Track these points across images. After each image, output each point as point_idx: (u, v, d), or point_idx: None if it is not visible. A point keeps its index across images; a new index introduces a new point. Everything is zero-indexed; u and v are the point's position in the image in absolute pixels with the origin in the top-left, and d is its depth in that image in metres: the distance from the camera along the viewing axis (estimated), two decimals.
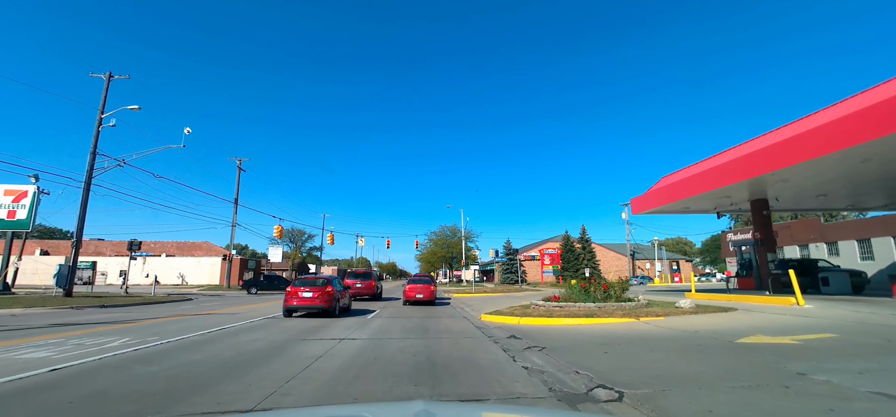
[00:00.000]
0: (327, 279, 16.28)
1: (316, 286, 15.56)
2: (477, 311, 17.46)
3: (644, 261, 62.54)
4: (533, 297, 24.52)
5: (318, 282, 16.03)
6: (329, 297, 15.32)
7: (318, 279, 16.37)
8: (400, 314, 16.54)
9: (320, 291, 15.34)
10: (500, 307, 18.13)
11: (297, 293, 15.47)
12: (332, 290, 15.70)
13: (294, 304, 15.15)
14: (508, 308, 15.54)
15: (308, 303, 15.13)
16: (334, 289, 15.96)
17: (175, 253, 61.87)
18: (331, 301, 15.27)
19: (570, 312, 12.46)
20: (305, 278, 16.58)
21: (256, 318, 14.89)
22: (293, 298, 15.25)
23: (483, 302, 22.82)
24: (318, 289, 15.44)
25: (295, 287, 15.77)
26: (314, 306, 15.11)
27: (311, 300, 15.15)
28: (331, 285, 15.96)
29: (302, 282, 16.10)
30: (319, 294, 15.22)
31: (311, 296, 15.30)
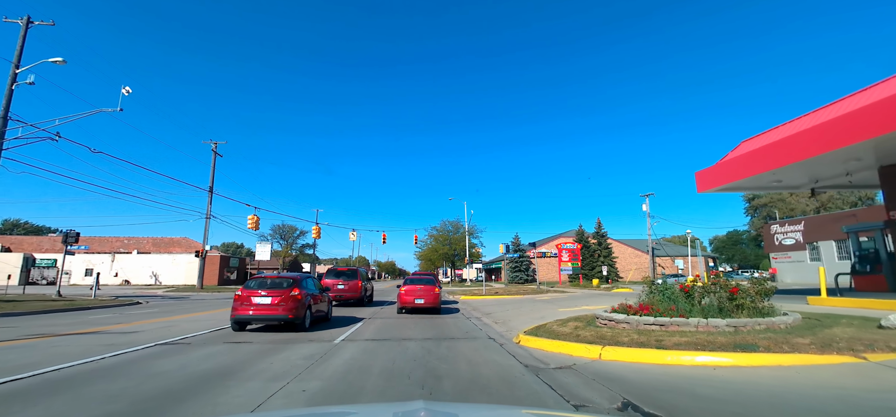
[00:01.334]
0: (294, 280, 11.15)
1: (277, 289, 10.60)
2: (503, 325, 12.08)
3: (665, 258, 57.34)
4: (565, 300, 19.22)
5: (280, 283, 10.91)
6: (295, 304, 10.42)
7: (282, 279, 11.32)
8: (390, 330, 11.17)
9: (282, 296, 10.41)
10: (535, 317, 12.77)
11: (251, 298, 10.44)
12: (299, 294, 10.64)
13: (247, 313, 10.33)
14: (556, 323, 10.18)
15: (265, 312, 10.29)
16: (303, 293, 10.86)
17: (150, 250, 56.45)
18: (297, 309, 10.42)
19: (690, 336, 7.08)
20: (264, 277, 11.34)
21: (192, 334, 9.76)
22: (245, 305, 10.37)
23: (502, 308, 17.45)
24: (279, 293, 10.48)
25: (247, 291, 10.74)
26: (274, 316, 10.27)
27: (269, 309, 10.29)
28: (298, 287, 10.85)
29: (259, 283, 10.94)
30: (281, 300, 10.32)
31: (269, 302, 10.32)
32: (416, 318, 14.07)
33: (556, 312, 14.91)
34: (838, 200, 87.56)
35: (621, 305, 9.94)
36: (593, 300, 20.11)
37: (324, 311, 12.77)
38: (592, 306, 16.32)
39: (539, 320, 12.76)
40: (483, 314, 15.57)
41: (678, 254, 60.73)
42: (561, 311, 15.15)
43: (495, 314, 14.99)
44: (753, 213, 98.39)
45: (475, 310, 17.26)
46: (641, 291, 10.42)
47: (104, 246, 56.51)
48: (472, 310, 17.31)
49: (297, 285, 10.83)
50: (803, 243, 34.23)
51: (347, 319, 13.81)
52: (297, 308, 10.41)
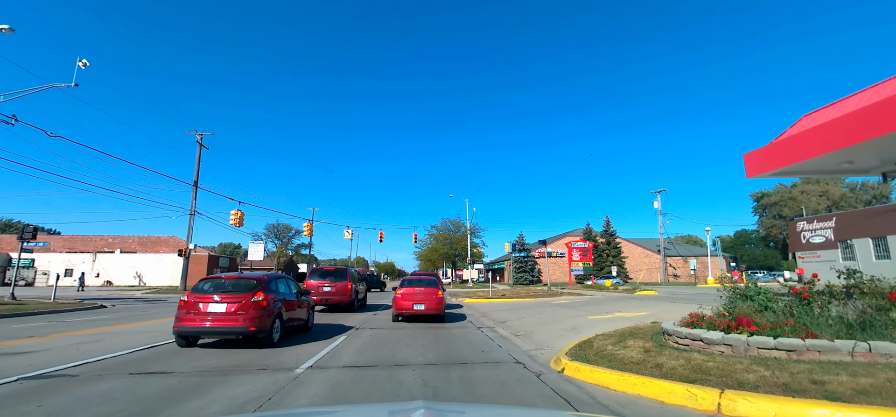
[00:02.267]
0: (258, 281, 8.52)
1: (235, 293, 7.99)
2: (527, 339, 9.38)
3: (676, 258, 54.68)
4: (588, 305, 16.31)
5: (240, 286, 8.27)
6: (258, 312, 7.85)
7: (243, 281, 8.63)
8: (381, 348, 8.47)
9: (242, 301, 7.81)
10: (565, 328, 10.10)
11: (200, 304, 7.81)
12: (264, 299, 8.04)
13: (195, 325, 7.72)
14: (606, 339, 7.50)
15: (219, 323, 7.70)
16: (270, 297, 8.28)
17: (136, 249, 53.66)
18: (261, 319, 7.86)
19: (865, 374, 4.40)
20: (219, 278, 8.68)
21: (106, 355, 7.04)
22: (193, 314, 7.77)
23: (517, 314, 14.77)
24: (238, 299, 7.85)
25: (196, 295, 8.04)
26: (230, 328, 7.72)
27: (224, 319, 7.70)
28: (263, 290, 8.20)
29: (213, 285, 8.32)
30: (240, 307, 7.74)
31: (224, 311, 7.72)
32: (416, 329, 11.39)
33: (586, 320, 12.27)
34: (851, 197, 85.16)
35: (696, 316, 7.30)
36: (621, 304, 17.44)
37: (301, 319, 10.11)
38: (628, 312, 13.69)
39: (571, 330, 10.10)
40: (496, 322, 12.90)
41: (690, 254, 58.11)
42: (591, 319, 12.51)
43: (512, 323, 12.31)
44: (762, 212, 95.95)
45: (485, 317, 14.60)
46: (719, 295, 7.78)
47: (87, 245, 53.72)
48: (481, 317, 14.65)
49: (263, 287, 8.16)
50: (835, 241, 31.61)
51: (331, 328, 11.14)
52: (262, 318, 7.77)
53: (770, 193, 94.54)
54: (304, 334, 10.07)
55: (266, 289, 8.24)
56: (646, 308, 15.07)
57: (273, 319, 8.15)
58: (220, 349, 7.73)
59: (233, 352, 7.45)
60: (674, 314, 12.57)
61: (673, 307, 15.04)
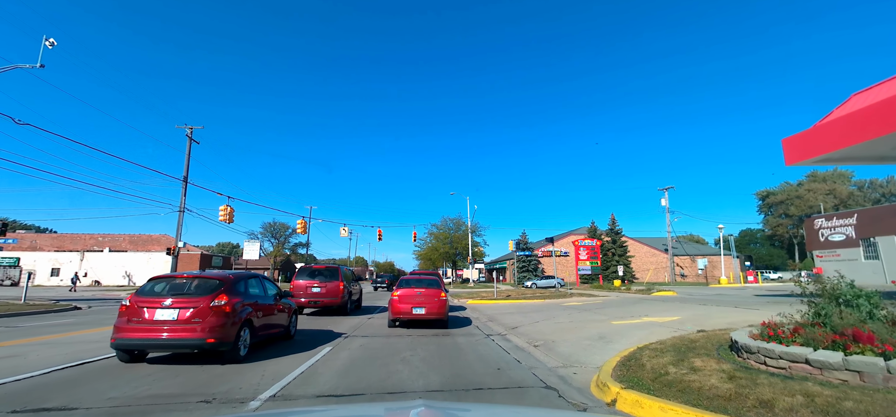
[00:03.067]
0: (221, 281, 6.85)
1: (190, 297, 6.35)
2: (548, 350, 7.72)
3: (683, 257, 53.10)
4: (605, 307, 14.58)
5: (196, 287, 6.67)
6: (218, 320, 6.24)
7: (200, 281, 6.91)
8: (372, 364, 6.84)
9: (198, 307, 6.19)
10: (589, 336, 8.45)
11: (145, 310, 6.18)
12: (226, 304, 6.40)
13: (138, 337, 6.06)
14: (659, 355, 5.83)
15: (171, 333, 6.06)
16: (235, 302, 6.62)
17: (127, 248, 52.00)
18: (223, 329, 6.24)
19: None
20: (173, 277, 7.07)
21: (41, 371, 5.30)
22: (135, 323, 6.12)
23: (528, 318, 13.14)
24: (193, 302, 6.23)
25: (142, 299, 6.34)
26: (182, 340, 6.08)
27: (176, 328, 6.08)
28: (226, 292, 6.56)
29: (166, 286, 6.75)
30: (195, 314, 6.12)
31: (175, 318, 6.11)
32: (415, 337, 9.77)
33: (611, 326, 10.65)
34: (859, 196, 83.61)
35: (771, 325, 5.68)
36: (643, 307, 15.80)
37: (280, 325, 8.50)
38: (656, 317, 12.06)
39: (598, 339, 8.48)
40: (506, 328, 11.29)
41: (698, 253, 56.53)
42: (617, 324, 10.89)
43: (526, 330, 10.69)
44: (767, 211, 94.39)
45: (492, 321, 12.99)
46: (807, 297, 6.16)
47: (76, 244, 52.09)
48: (488, 321, 13.04)
49: (227, 288, 6.54)
50: (856, 238, 30.02)
51: (316, 336, 9.53)
52: (223, 327, 6.15)
53: (775, 191, 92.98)
54: (283, 343, 8.46)
55: (231, 291, 6.61)
56: (674, 311, 13.46)
57: (239, 327, 6.52)
58: (169, 367, 6.11)
59: (181, 372, 5.83)
60: (713, 319, 10.98)
61: (705, 310, 13.44)
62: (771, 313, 12.24)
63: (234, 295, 6.65)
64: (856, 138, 11.95)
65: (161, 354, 6.83)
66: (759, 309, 13.42)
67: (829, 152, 12.94)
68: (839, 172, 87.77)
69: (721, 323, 9.83)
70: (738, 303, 16.43)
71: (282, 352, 7.51)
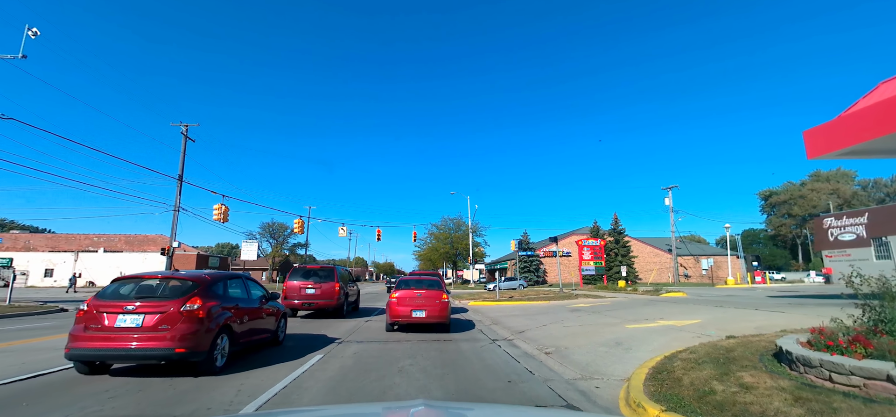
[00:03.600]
0: (195, 282, 6.06)
1: (155, 301, 5.54)
2: (561, 358, 6.94)
3: (687, 257, 52.31)
4: (614, 309, 13.72)
5: (168, 288, 5.93)
6: (188, 327, 5.42)
7: (173, 281, 6.14)
8: (365, 377, 6.09)
9: (166, 310, 5.40)
10: (605, 341, 7.67)
11: (105, 316, 5.35)
12: (200, 308, 5.63)
13: (95, 347, 5.21)
14: (703, 367, 5.07)
15: (135, 343, 5.20)
16: (209, 306, 5.85)
17: (122, 248, 51.23)
18: (195, 338, 5.43)
19: None
20: (141, 277, 6.26)
21: (8, 380, 4.57)
22: (93, 330, 5.29)
23: (535, 321, 12.37)
24: (160, 306, 5.44)
25: (102, 302, 5.51)
26: (149, 350, 5.22)
27: (140, 337, 5.25)
28: (200, 295, 5.79)
29: (132, 288, 5.94)
30: (163, 319, 5.32)
31: (140, 324, 5.29)
32: (415, 342, 9.02)
33: (626, 330, 9.88)
34: (863, 196, 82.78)
35: (822, 331, 4.93)
36: (656, 309, 15.02)
37: (267, 331, 7.75)
38: (674, 320, 11.28)
39: (615, 345, 7.71)
40: (512, 332, 10.53)
41: (702, 253, 55.76)
42: (632, 328, 10.12)
43: (533, 335, 9.93)
44: (770, 211, 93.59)
45: (496, 324, 12.23)
46: (861, 299, 5.42)
47: (71, 244, 51.31)
48: (492, 324, 12.28)
49: (201, 291, 5.77)
50: (867, 237, 29.25)
51: (307, 342, 8.77)
52: (196, 334, 5.39)
53: (778, 191, 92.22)
54: (270, 351, 7.71)
55: (206, 293, 5.85)
56: (690, 314, 12.68)
57: (216, 334, 5.76)
58: (133, 380, 5.36)
59: (145, 386, 5.08)
60: (737, 323, 10.19)
61: (723, 313, 12.67)
62: (798, 315, 11.49)
63: (210, 298, 5.89)
64: (886, 129, 11.21)
65: (126, 365, 6.08)
66: (784, 312, 12.64)
67: (855, 145, 12.16)
68: (843, 171, 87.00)
69: (747, 328, 9.07)
70: (755, 305, 15.66)
71: (266, 361, 6.76)
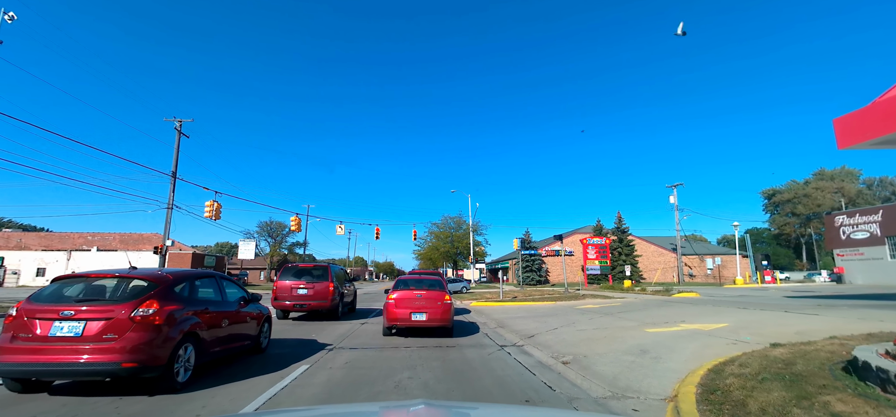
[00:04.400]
0: (154, 283, 5.04)
1: (101, 305, 4.49)
2: (583, 369, 6.00)
3: (692, 257, 51.40)
4: (625, 311, 12.70)
5: (118, 290, 4.85)
6: (143, 335, 4.45)
7: (124, 281, 5.05)
8: (354, 399, 5.17)
9: (112, 315, 4.38)
10: (629, 348, 6.70)
11: (36, 325, 4.34)
12: (155, 313, 4.65)
13: (26, 362, 4.18)
14: (769, 384, 4.14)
15: (72, 355, 4.18)
16: (169, 310, 4.92)
17: (117, 247, 50.29)
18: (150, 349, 4.46)
19: None
20: (87, 277, 5.27)
21: None
22: (23, 341, 4.28)
23: (544, 324, 11.44)
24: (106, 311, 4.41)
25: (34, 306, 4.53)
26: (90, 365, 4.19)
27: (80, 348, 4.21)
28: (157, 298, 4.80)
29: (80, 288, 4.88)
30: (108, 327, 4.29)
31: (80, 335, 4.26)
32: (415, 349, 8.11)
33: (646, 335, 8.96)
34: (868, 194, 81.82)
35: None
36: (673, 311, 14.11)
37: (247, 336, 6.84)
38: (696, 323, 10.34)
39: (640, 353, 6.79)
40: (521, 336, 9.61)
41: (707, 252, 54.85)
42: (653, 333, 9.20)
43: (545, 339, 9.01)
44: (773, 210, 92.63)
45: (502, 327, 11.32)
46: None
47: (65, 243, 50.39)
48: (498, 328, 11.37)
49: (159, 293, 4.84)
50: (881, 236, 28.34)
51: (295, 349, 7.87)
52: (150, 345, 4.46)
53: (782, 190, 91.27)
54: (250, 360, 6.81)
55: (165, 295, 4.92)
56: (713, 316, 11.72)
57: (177, 344, 4.83)
58: (72, 401, 4.45)
59: (83, 408, 4.17)
60: (771, 327, 9.21)
61: (750, 315, 11.73)
62: (835, 318, 10.37)
63: (171, 301, 4.97)
64: None
65: (63, 382, 5.14)
66: (817, 314, 11.69)
67: (893, 133, 11.31)
68: (847, 169, 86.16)
69: (787, 333, 8.16)
70: (782, 306, 14.70)
71: (242, 373, 5.85)
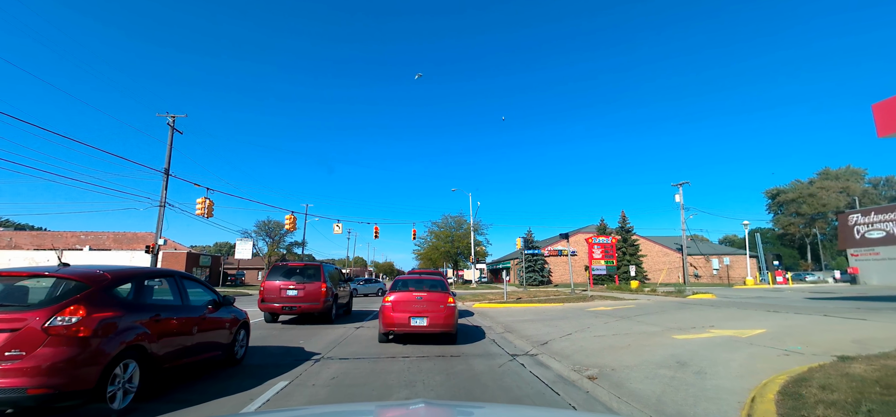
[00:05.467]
0: (80, 283, 3.94)
1: (14, 311, 3.47)
2: (621, 393, 4.91)
3: (698, 257, 50.36)
4: (641, 314, 11.76)
5: (20, 294, 3.88)
6: (65, 351, 3.42)
7: (32, 283, 4.01)
8: None
9: (17, 325, 3.36)
10: (664, 357, 5.58)
11: None
12: (81, 323, 3.63)
13: None
14: None
15: None
16: (100, 318, 3.87)
17: (111, 247, 49.27)
18: (73, 369, 3.44)
19: None
20: (9, 276, 4.15)
21: None
22: None
23: (557, 329, 10.42)
24: (12, 320, 3.38)
25: None
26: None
27: None
28: (84, 303, 3.83)
29: (3, 288, 3.67)
30: (13, 342, 3.28)
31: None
32: (414, 359, 7.09)
33: (674, 341, 7.94)
34: (874, 194, 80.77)
35: None
36: (696, 314, 13.10)
37: (215, 346, 5.82)
38: (727, 329, 9.28)
39: (677, 364, 5.77)
40: (532, 342, 8.60)
41: (713, 252, 53.84)
42: (682, 339, 8.18)
43: (559, 346, 7.99)
44: (777, 209, 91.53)
45: (510, 332, 10.30)
46: None
47: (58, 242, 49.39)
48: (506, 332, 10.35)
49: (86, 297, 3.79)
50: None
51: (276, 359, 6.86)
52: (69, 365, 3.43)
53: (786, 189, 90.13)
54: (220, 373, 5.80)
55: (97, 299, 3.89)
56: (747, 322, 10.58)
57: (112, 361, 3.78)
58: None
59: None
60: (817, 334, 8.13)
61: (787, 320, 10.67)
62: (887, 322, 9.21)
63: (104, 306, 3.94)
64: None
65: None
66: (865, 319, 10.49)
67: None
68: (852, 169, 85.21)
69: (842, 342, 7.14)
70: (810, 309, 13.63)
71: (206, 391, 4.84)
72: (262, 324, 11.83)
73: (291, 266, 12.28)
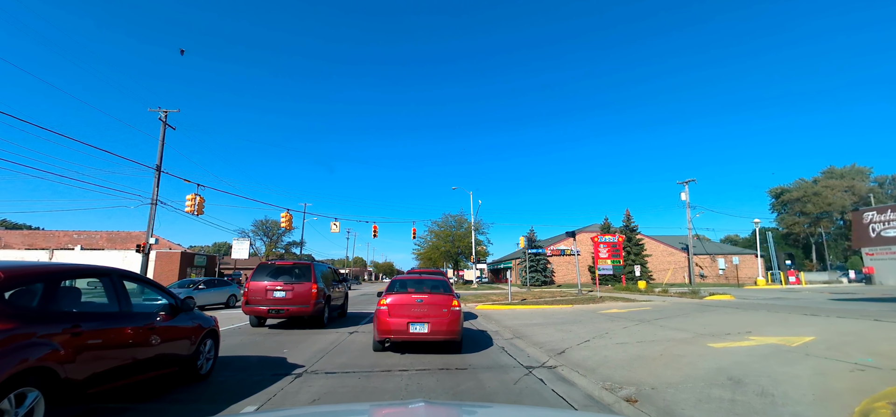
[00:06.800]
0: None
1: None
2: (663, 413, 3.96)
3: (703, 256, 49.32)
4: (658, 317, 10.41)
5: None
6: None
7: None
8: None
9: None
10: (711, 372, 4.51)
11: None
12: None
13: None
14: None
15: None
16: (12, 327, 2.47)
17: (104, 246, 48.18)
18: None
19: None
20: None
21: None
22: None
23: (571, 336, 9.37)
24: None
25: None
26: None
27: None
28: None
29: None
30: None
31: None
32: (412, 372, 6.06)
33: (712, 350, 6.90)
34: (880, 193, 79.67)
35: None
36: (717, 317, 12.07)
37: (172, 359, 4.82)
38: (770, 337, 8.18)
39: (731, 384, 4.74)
40: (546, 351, 7.56)
41: (718, 252, 52.82)
42: (720, 348, 7.13)
43: (579, 356, 6.95)
44: (781, 209, 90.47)
45: (520, 339, 9.25)
46: None
47: (50, 241, 48.39)
48: (516, 338, 9.31)
49: None
50: None
51: (250, 373, 5.83)
52: None
53: (790, 188, 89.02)
54: (175, 394, 4.77)
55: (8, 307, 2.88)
56: (784, 327, 9.47)
57: (1, 389, 2.79)
58: None
59: None
60: (871, 342, 7.14)
61: (832, 324, 9.61)
62: None
63: (11, 316, 2.91)
64: None
65: None
66: None
67: None
68: (857, 168, 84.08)
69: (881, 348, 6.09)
70: (845, 312, 12.50)
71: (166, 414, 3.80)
72: (246, 329, 10.80)
73: (279, 265, 11.24)
